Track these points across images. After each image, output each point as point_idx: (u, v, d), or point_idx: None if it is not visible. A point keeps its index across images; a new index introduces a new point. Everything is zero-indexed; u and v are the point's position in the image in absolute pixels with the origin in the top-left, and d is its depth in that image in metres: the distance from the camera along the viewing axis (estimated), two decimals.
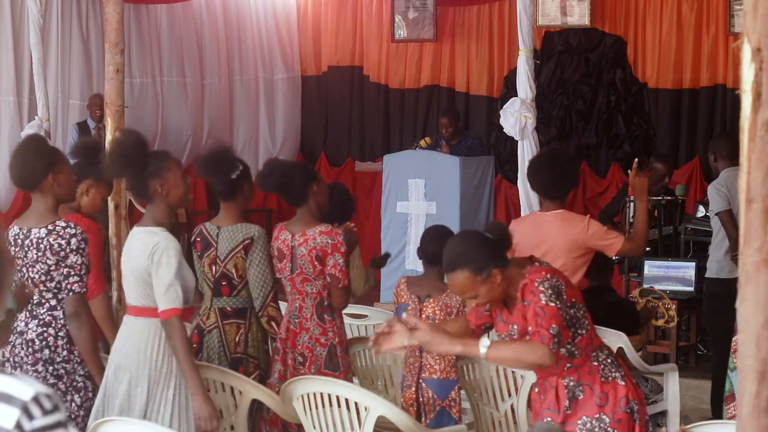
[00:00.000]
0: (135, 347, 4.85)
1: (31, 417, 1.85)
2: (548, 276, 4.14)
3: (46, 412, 1.87)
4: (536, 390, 4.52)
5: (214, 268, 5.65)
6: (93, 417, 4.83)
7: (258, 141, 13.35)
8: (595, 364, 4.29)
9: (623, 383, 4.30)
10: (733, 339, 5.29)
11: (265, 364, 5.72)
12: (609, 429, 4.24)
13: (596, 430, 4.24)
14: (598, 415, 4.25)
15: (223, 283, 5.64)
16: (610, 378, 4.29)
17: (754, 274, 2.06)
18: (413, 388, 5.75)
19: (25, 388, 1.87)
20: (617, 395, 4.26)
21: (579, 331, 4.25)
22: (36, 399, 1.87)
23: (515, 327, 4.23)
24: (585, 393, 4.26)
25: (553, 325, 4.03)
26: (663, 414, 6.73)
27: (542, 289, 4.09)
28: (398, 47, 12.88)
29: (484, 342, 4.01)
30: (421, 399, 5.73)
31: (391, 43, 12.86)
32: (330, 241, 5.58)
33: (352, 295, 7.24)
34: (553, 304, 4.06)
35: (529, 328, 4.08)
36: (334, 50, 13.31)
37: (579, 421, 4.25)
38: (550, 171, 6.05)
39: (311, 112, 13.56)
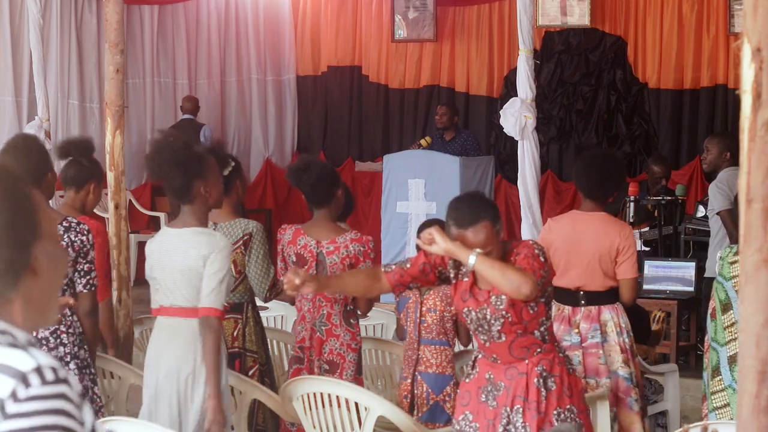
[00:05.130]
0: (187, 349, 4.78)
1: (27, 385, 1.75)
2: (542, 247, 4.46)
3: (45, 382, 1.77)
4: (467, 380, 4.57)
5: None
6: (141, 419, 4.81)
7: (251, 142, 13.36)
8: (561, 355, 4.49)
9: (579, 378, 4.62)
10: (706, 338, 5.31)
11: (263, 358, 5.72)
12: (577, 419, 4.43)
13: (568, 420, 4.40)
14: (569, 406, 4.41)
15: None
16: (571, 370, 4.51)
17: (754, 274, 2.06)
18: (408, 380, 5.76)
19: (27, 359, 1.78)
20: (578, 387, 4.52)
21: (549, 312, 4.48)
22: (38, 370, 1.77)
23: (502, 297, 4.36)
24: (557, 384, 4.41)
25: (542, 271, 4.32)
26: (663, 414, 6.73)
27: (536, 249, 4.39)
28: (398, 47, 12.88)
29: (473, 254, 4.23)
30: (415, 391, 5.73)
31: (391, 43, 12.86)
32: (362, 249, 5.57)
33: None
34: (543, 260, 4.36)
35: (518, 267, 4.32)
36: (334, 50, 13.31)
37: (554, 412, 4.39)
38: (598, 172, 5.98)
39: (311, 112, 13.56)
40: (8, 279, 1.86)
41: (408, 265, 4.55)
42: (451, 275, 4.51)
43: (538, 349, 4.40)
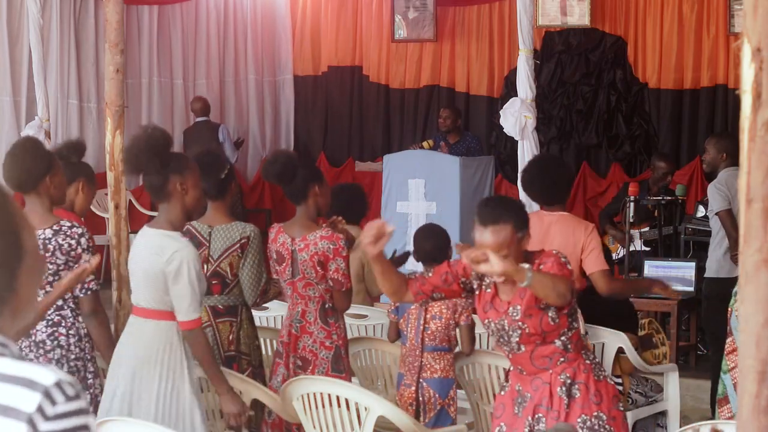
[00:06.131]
0: (145, 350, 4.80)
1: (53, 402, 1.84)
2: (565, 256, 4.43)
3: (68, 398, 1.85)
4: (503, 392, 4.56)
5: (206, 266, 5.61)
6: (99, 417, 4.82)
7: (248, 142, 13.37)
8: (588, 362, 4.42)
9: (611, 383, 4.50)
10: (728, 340, 5.28)
11: (256, 360, 5.72)
12: (606, 426, 4.35)
13: (596, 427, 4.34)
14: (596, 413, 4.35)
15: (215, 281, 5.60)
16: (601, 377, 4.44)
17: (754, 274, 2.05)
18: (413, 387, 5.74)
19: (47, 374, 1.87)
20: (609, 393, 4.42)
21: (574, 324, 4.41)
22: (58, 385, 1.86)
23: (518, 308, 4.32)
24: (581, 391, 4.35)
25: (571, 278, 4.32)
26: (663, 414, 6.73)
27: (562, 257, 4.36)
28: (398, 47, 12.88)
29: (528, 272, 4.15)
30: (421, 398, 5.72)
31: (391, 43, 12.87)
32: (331, 246, 5.55)
33: (370, 295, 7.27)
34: (570, 268, 4.36)
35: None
36: (334, 50, 13.31)
37: (578, 419, 4.34)
38: (541, 180, 6.08)
39: (311, 112, 13.57)
40: None
41: (430, 275, 4.53)
42: (475, 286, 4.49)
43: (561, 359, 4.36)
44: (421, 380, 5.72)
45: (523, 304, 4.29)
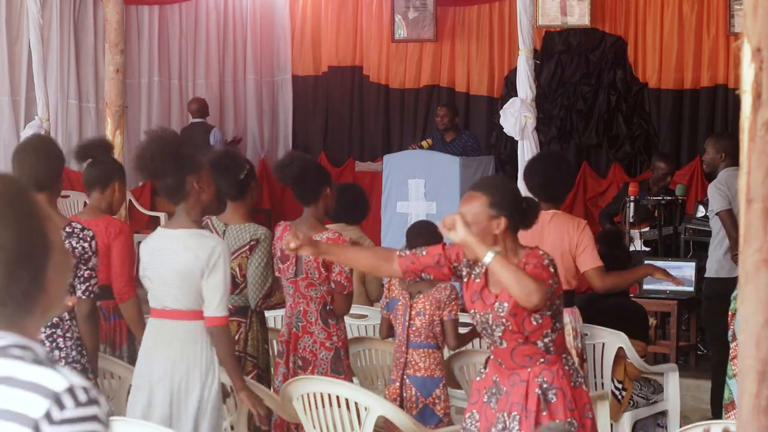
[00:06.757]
0: (181, 352, 4.77)
1: (62, 407, 1.77)
2: (551, 258, 4.39)
3: (79, 404, 1.79)
4: (478, 378, 4.54)
5: None
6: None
7: (247, 142, 13.38)
8: (567, 368, 4.40)
9: (586, 390, 4.51)
10: (732, 345, 5.27)
11: (263, 363, 5.71)
12: None
13: None
14: (570, 419, 4.34)
15: None
16: (578, 383, 4.43)
17: (754, 274, 2.06)
18: (397, 383, 5.74)
19: (59, 379, 1.80)
20: (582, 401, 4.43)
21: (557, 325, 4.39)
22: (70, 390, 1.79)
23: (504, 305, 4.29)
24: (558, 396, 4.35)
25: (551, 281, 4.24)
26: (663, 414, 6.73)
27: (546, 259, 4.32)
28: (398, 47, 12.88)
29: (492, 252, 4.18)
30: (404, 395, 5.72)
31: (391, 43, 12.87)
32: None
33: (369, 298, 7.26)
34: (552, 271, 4.29)
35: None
36: (335, 50, 13.32)
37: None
38: (542, 175, 6.08)
39: (311, 112, 13.57)
40: (27, 306, 1.88)
41: (423, 253, 4.51)
42: (464, 274, 4.48)
43: (541, 359, 4.34)
44: (404, 377, 5.72)
45: (510, 302, 4.28)
